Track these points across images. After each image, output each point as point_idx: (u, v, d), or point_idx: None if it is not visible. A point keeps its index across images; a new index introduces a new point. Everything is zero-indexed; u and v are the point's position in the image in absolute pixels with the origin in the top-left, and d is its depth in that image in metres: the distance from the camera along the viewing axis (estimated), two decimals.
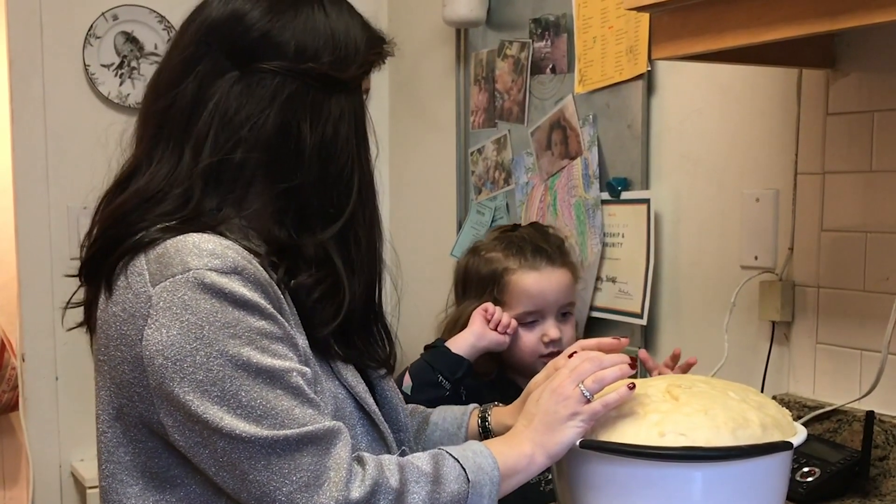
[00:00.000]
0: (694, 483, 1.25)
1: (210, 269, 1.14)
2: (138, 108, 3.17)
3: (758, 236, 1.97)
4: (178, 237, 1.17)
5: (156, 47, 3.03)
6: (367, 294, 1.32)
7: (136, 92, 3.01)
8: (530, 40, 2.56)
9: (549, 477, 1.83)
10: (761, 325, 1.97)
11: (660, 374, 1.77)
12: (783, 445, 1.27)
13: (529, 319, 1.96)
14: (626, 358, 1.31)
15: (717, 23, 1.50)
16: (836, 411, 1.80)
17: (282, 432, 1.12)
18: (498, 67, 2.70)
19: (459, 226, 2.88)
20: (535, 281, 1.96)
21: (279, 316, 1.19)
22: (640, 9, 1.59)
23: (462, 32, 2.84)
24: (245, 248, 1.20)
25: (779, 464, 1.30)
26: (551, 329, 1.95)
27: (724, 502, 1.26)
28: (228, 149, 1.22)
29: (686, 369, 1.75)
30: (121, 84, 3.00)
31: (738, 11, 1.46)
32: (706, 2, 1.49)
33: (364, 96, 1.32)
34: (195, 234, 1.18)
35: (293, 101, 1.23)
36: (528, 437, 1.28)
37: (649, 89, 2.19)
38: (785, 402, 1.84)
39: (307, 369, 1.20)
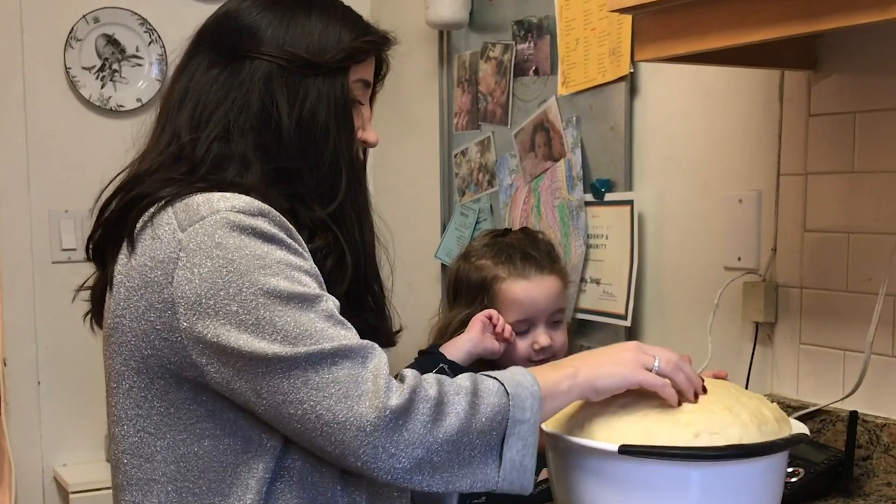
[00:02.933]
0: (731, 479, 1.26)
1: (238, 211, 1.20)
2: (120, 110, 3.18)
3: (741, 237, 1.97)
4: (203, 193, 1.23)
5: (137, 50, 3.02)
6: (367, 267, 1.37)
7: (117, 94, 3.00)
8: (513, 42, 2.56)
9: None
10: (745, 325, 1.97)
11: None
12: (804, 437, 1.32)
13: (520, 328, 1.96)
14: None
15: (700, 25, 1.50)
16: (819, 411, 1.81)
17: (316, 347, 1.15)
18: (481, 69, 2.70)
19: (443, 228, 2.88)
20: (525, 290, 1.95)
21: (305, 253, 1.24)
22: (622, 10, 1.59)
23: (445, 34, 2.84)
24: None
25: (785, 457, 1.34)
26: (541, 336, 1.95)
27: (755, 496, 1.29)
28: (218, 131, 1.29)
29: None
30: (102, 87, 2.99)
31: (720, 13, 1.47)
32: (689, 4, 1.49)
33: (362, 86, 1.37)
34: (220, 192, 1.24)
35: (271, 82, 1.30)
36: (573, 363, 1.28)
37: (632, 91, 2.19)
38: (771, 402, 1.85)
39: (337, 300, 1.23)
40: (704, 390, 1.31)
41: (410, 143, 3.02)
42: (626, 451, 1.24)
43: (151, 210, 1.25)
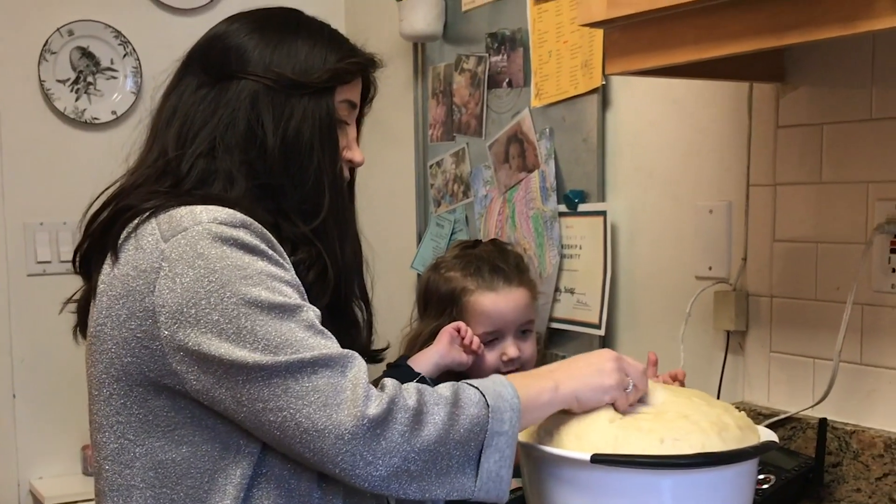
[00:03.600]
0: (702, 486, 1.28)
1: (220, 223, 1.22)
2: (95, 123, 3.17)
3: (712, 247, 1.99)
4: (187, 206, 1.26)
5: (112, 63, 3.02)
6: (349, 282, 1.39)
7: (92, 107, 3.00)
8: (487, 54, 2.58)
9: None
10: (716, 334, 2.00)
11: None
12: (774, 444, 1.34)
13: (489, 339, 1.97)
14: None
15: (669, 39, 1.52)
16: (790, 419, 1.83)
17: (297, 356, 1.17)
18: (455, 81, 2.71)
19: (419, 238, 2.90)
20: (493, 302, 1.96)
21: (287, 265, 1.26)
22: (593, 25, 1.61)
23: (419, 46, 2.86)
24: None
25: (755, 464, 1.37)
26: (510, 348, 1.96)
27: (726, 502, 1.32)
28: (204, 147, 1.32)
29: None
30: (77, 99, 2.99)
31: (688, 28, 1.49)
32: (658, 18, 1.51)
33: (347, 107, 1.40)
34: (202, 205, 1.26)
35: (257, 101, 1.33)
36: (553, 374, 1.30)
37: (604, 103, 2.22)
38: (740, 409, 1.86)
39: (318, 310, 1.25)
40: None
41: (386, 154, 3.03)
42: (599, 459, 1.26)
43: (135, 221, 1.27)
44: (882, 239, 1.69)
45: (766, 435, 1.39)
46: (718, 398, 1.94)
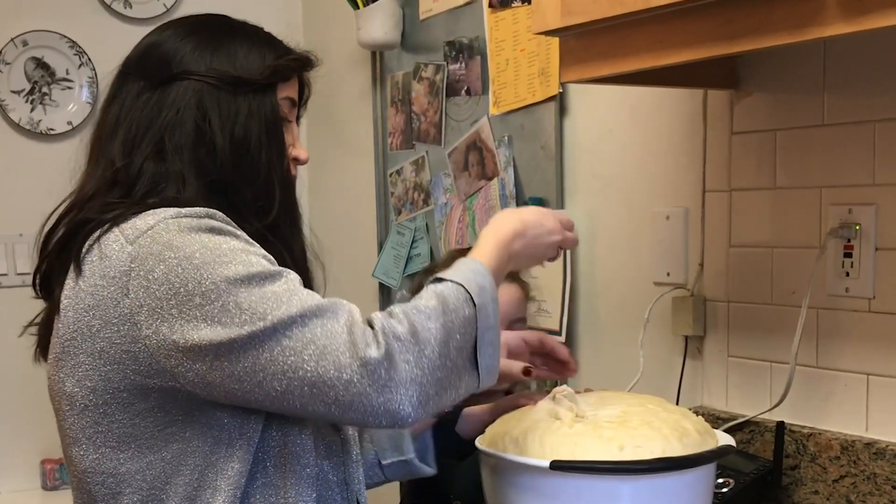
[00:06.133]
0: (661, 491, 1.30)
1: (184, 217, 1.21)
2: (50, 134, 3.15)
3: (669, 253, 2.01)
4: (147, 211, 1.25)
5: (67, 73, 3.00)
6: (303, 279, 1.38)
7: (47, 118, 2.97)
8: (445, 63, 2.58)
9: None
10: (675, 339, 2.01)
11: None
12: (731, 448, 1.37)
13: None
14: None
15: (622, 47, 1.53)
16: (748, 422, 1.85)
17: (285, 313, 1.14)
18: (414, 89, 2.72)
19: (380, 247, 2.89)
20: None
21: (256, 246, 1.24)
22: (547, 33, 1.62)
23: (377, 55, 2.86)
24: None
25: (713, 468, 1.39)
26: None
27: None
28: (150, 150, 1.31)
29: None
30: (32, 110, 2.97)
31: (640, 36, 1.50)
32: (612, 27, 1.52)
33: (289, 104, 1.40)
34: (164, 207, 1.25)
35: (202, 100, 1.32)
36: (512, 248, 1.34)
37: (562, 110, 2.23)
38: (699, 414, 1.86)
39: (297, 276, 1.23)
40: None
41: (346, 162, 3.03)
42: (558, 466, 1.26)
43: (97, 233, 1.25)
44: (836, 243, 1.71)
45: (725, 439, 1.40)
46: (678, 403, 1.96)
